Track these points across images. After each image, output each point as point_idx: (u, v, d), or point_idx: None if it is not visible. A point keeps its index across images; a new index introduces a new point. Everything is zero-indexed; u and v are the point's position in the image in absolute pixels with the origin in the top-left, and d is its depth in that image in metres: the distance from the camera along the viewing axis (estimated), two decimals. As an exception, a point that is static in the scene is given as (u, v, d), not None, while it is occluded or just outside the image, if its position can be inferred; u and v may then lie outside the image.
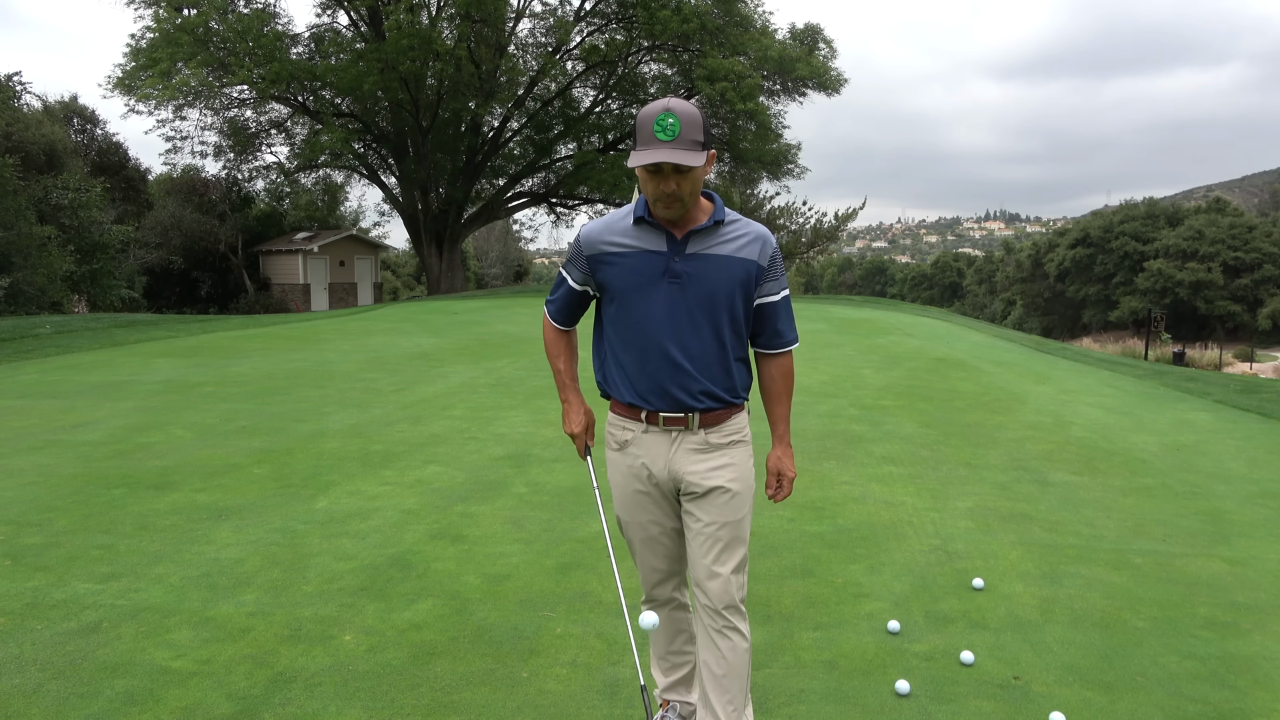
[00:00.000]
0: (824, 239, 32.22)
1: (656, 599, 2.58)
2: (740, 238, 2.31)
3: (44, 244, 19.99)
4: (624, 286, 2.33)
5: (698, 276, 2.28)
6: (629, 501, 2.48)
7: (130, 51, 27.71)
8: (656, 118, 2.13)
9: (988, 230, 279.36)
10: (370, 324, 15.95)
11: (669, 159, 2.12)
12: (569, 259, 2.45)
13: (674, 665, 2.65)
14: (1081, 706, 2.85)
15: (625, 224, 2.34)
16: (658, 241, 2.30)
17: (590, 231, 2.39)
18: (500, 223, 49.61)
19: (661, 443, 2.38)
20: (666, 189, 2.18)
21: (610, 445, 2.50)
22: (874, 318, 18.72)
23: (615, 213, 2.41)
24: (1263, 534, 4.67)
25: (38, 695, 2.83)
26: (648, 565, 2.53)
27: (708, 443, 2.37)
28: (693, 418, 2.35)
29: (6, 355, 11.11)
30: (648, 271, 2.30)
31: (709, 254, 2.28)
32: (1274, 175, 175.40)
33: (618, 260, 2.33)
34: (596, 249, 2.36)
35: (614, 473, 2.50)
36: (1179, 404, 9.01)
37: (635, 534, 2.51)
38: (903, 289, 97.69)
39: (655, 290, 2.29)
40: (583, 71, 31.14)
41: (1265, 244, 54.54)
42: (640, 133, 2.16)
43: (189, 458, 5.96)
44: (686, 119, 2.13)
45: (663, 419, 2.35)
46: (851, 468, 5.90)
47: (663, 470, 2.39)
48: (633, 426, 2.42)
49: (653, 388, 2.34)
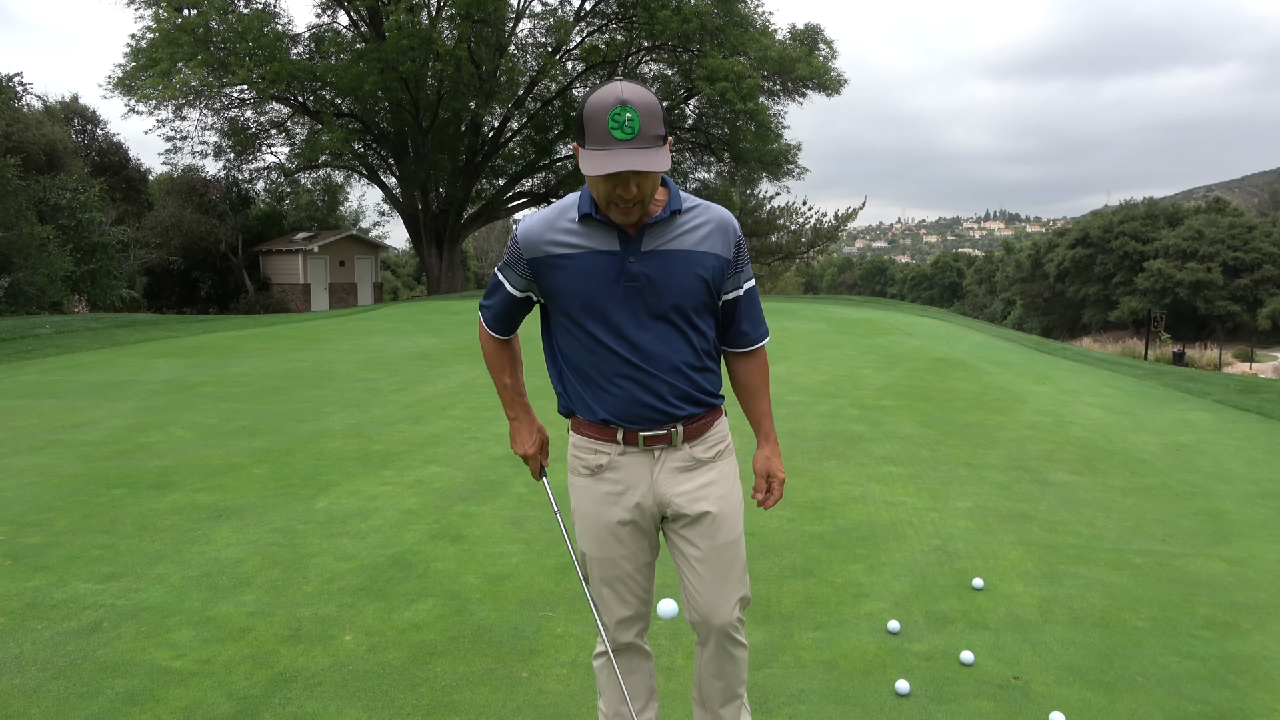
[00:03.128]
0: (824, 239, 32.26)
1: (617, 644, 2.27)
2: (701, 227, 2.04)
3: (44, 244, 19.99)
4: (574, 292, 2.03)
5: (658, 277, 2.01)
6: (602, 535, 2.18)
7: (130, 51, 27.71)
8: (611, 112, 1.83)
9: (988, 230, 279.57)
10: (370, 324, 15.95)
11: (634, 166, 1.82)
12: (506, 261, 2.12)
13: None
14: (1081, 706, 2.85)
15: (569, 221, 2.02)
16: (609, 240, 2.00)
17: (529, 230, 2.05)
18: (500, 223, 49.56)
19: (643, 464, 2.13)
20: (626, 194, 1.88)
21: (577, 471, 2.20)
22: (874, 318, 18.72)
23: (556, 206, 2.08)
24: (1263, 534, 4.67)
25: (38, 695, 2.83)
26: (614, 608, 2.23)
27: (693, 458, 2.15)
28: (676, 432, 2.11)
29: (6, 355, 11.11)
30: (600, 274, 2.00)
31: (669, 249, 2.01)
32: (1274, 175, 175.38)
33: (564, 263, 2.02)
34: (538, 251, 2.04)
35: (583, 502, 2.20)
36: (1179, 404, 9.01)
37: (605, 572, 2.21)
38: (903, 289, 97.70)
39: (610, 294, 2.01)
40: (583, 71, 31.14)
41: (1265, 244, 54.54)
42: (591, 129, 1.85)
43: (189, 458, 5.96)
44: (645, 111, 1.85)
45: (643, 438, 2.10)
46: (851, 468, 5.90)
47: (647, 495, 2.14)
48: (607, 449, 2.14)
49: (625, 402, 2.08)
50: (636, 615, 2.26)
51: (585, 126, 1.87)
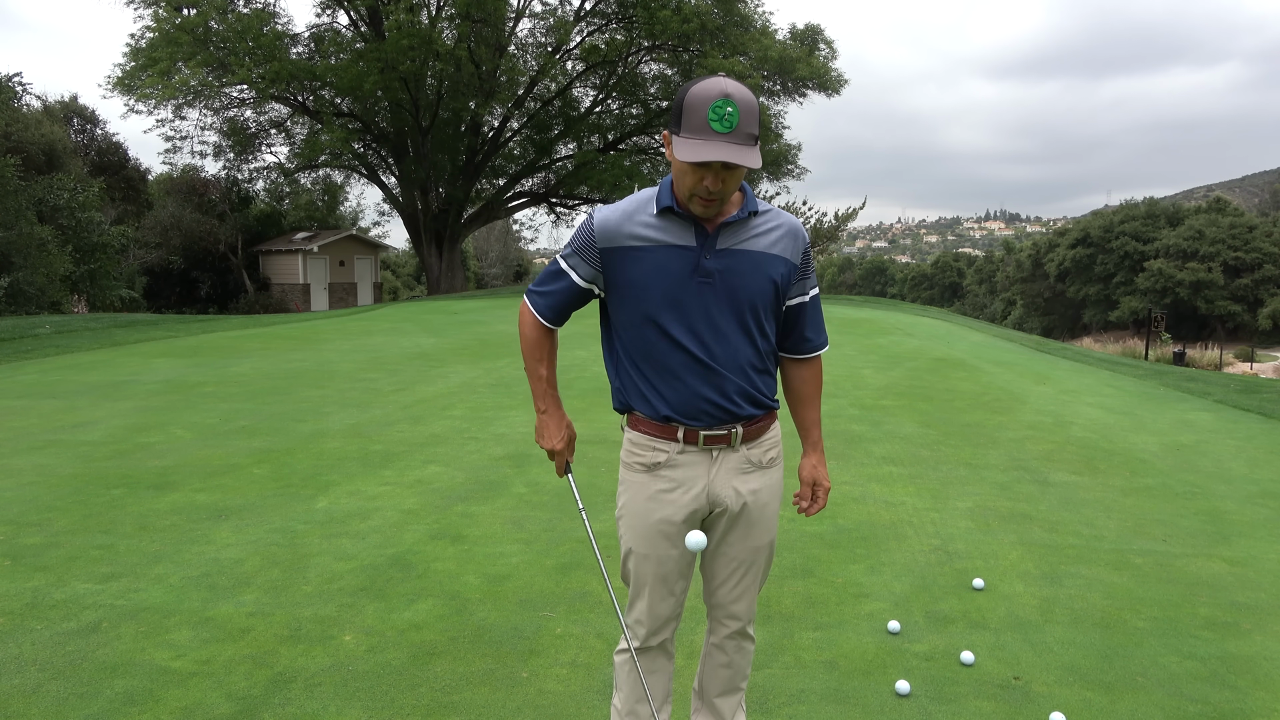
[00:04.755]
0: (824, 239, 32.21)
1: (650, 646, 2.28)
2: (773, 230, 2.08)
3: (43, 244, 19.99)
4: (648, 286, 2.04)
5: (730, 274, 2.04)
6: (651, 533, 2.17)
7: (130, 51, 27.72)
8: (713, 104, 1.84)
9: (988, 230, 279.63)
10: (370, 324, 15.95)
11: (728, 158, 1.84)
12: (575, 249, 2.10)
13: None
14: (1081, 706, 2.84)
15: (648, 214, 2.04)
16: (686, 235, 2.03)
17: (607, 220, 2.05)
18: (500, 223, 49.63)
19: (701, 463, 2.14)
20: (714, 187, 1.91)
21: (632, 467, 2.19)
22: (874, 318, 18.72)
23: (633, 199, 2.10)
24: (1263, 534, 4.66)
25: (38, 695, 2.83)
26: (656, 608, 2.23)
27: (749, 461, 2.17)
28: (735, 433, 2.13)
29: (6, 355, 11.11)
30: (675, 269, 2.02)
31: (742, 249, 2.04)
32: (1274, 175, 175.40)
33: (640, 256, 2.03)
34: (615, 241, 2.04)
35: (635, 498, 2.19)
36: (1179, 404, 9.01)
37: (651, 570, 2.19)
38: (903, 289, 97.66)
39: (683, 290, 2.03)
40: (583, 71, 31.13)
41: (1265, 244, 54.52)
42: (689, 118, 1.87)
43: (189, 458, 5.95)
44: (745, 108, 1.86)
45: (703, 437, 2.11)
46: (851, 468, 5.90)
47: (701, 494, 2.15)
48: (666, 447, 2.13)
49: (689, 398, 2.08)
50: (673, 615, 2.27)
51: (684, 115, 1.88)
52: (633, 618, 2.27)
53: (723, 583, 2.27)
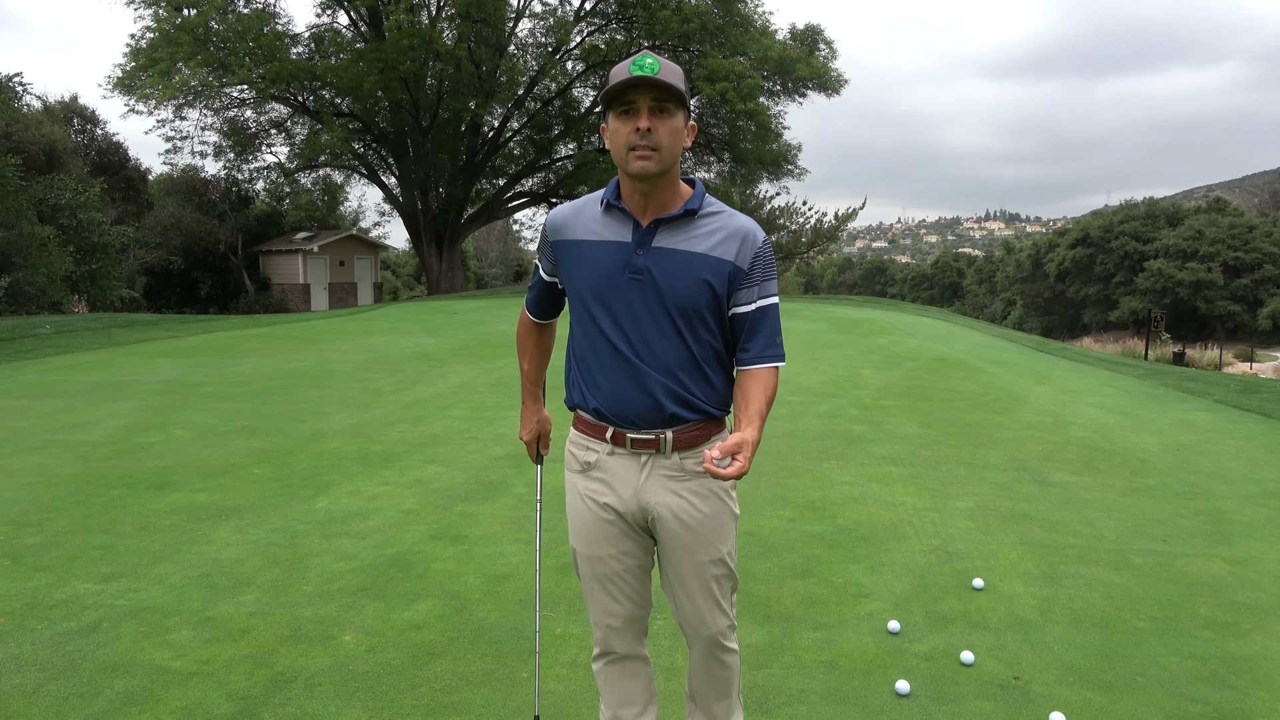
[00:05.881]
0: (824, 239, 32.23)
1: (615, 652, 2.23)
2: (716, 232, 1.99)
3: (44, 244, 20.00)
4: (583, 280, 2.04)
5: (660, 274, 1.98)
6: (588, 532, 2.15)
7: (130, 51, 27.72)
8: (633, 60, 1.88)
9: (988, 230, 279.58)
10: (370, 324, 15.95)
11: (648, 76, 1.85)
12: (539, 245, 2.19)
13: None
14: (1081, 706, 2.84)
15: (594, 210, 2.06)
16: (623, 231, 2.01)
17: (555, 217, 2.10)
18: (500, 223, 49.61)
19: (630, 468, 2.07)
20: (640, 125, 1.87)
21: (570, 466, 2.19)
22: (874, 318, 18.72)
23: (587, 196, 2.12)
24: (1263, 534, 4.66)
25: (38, 695, 2.83)
26: (604, 609, 2.19)
27: (683, 469, 2.06)
28: (664, 439, 2.04)
29: (6, 355, 11.11)
30: (609, 265, 2.00)
31: (676, 249, 1.98)
32: (1274, 175, 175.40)
33: (580, 251, 2.05)
34: (562, 234, 2.08)
35: (572, 497, 2.18)
36: (1179, 404, 9.01)
37: (593, 570, 2.17)
38: (903, 289, 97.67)
39: (615, 285, 2.00)
40: (583, 71, 31.13)
41: (1265, 244, 54.51)
42: (614, 78, 1.90)
43: (189, 458, 5.95)
44: (667, 63, 1.90)
45: (630, 440, 2.05)
46: (851, 468, 5.90)
47: (631, 499, 2.08)
48: (597, 447, 2.11)
49: (615, 396, 2.04)
50: (630, 617, 2.20)
51: (610, 82, 1.91)
52: (591, 620, 2.26)
53: (675, 598, 2.19)
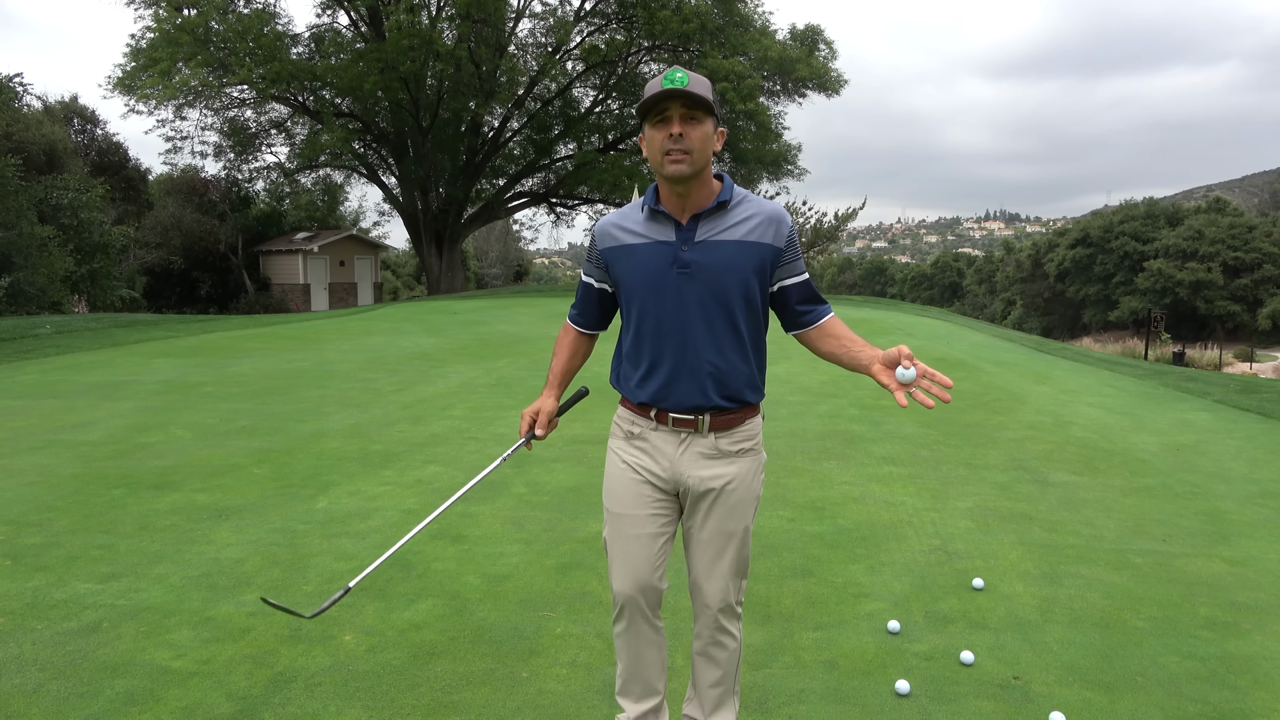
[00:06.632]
0: (824, 239, 32.20)
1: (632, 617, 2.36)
2: (751, 219, 2.19)
3: (44, 244, 20.00)
4: (634, 280, 2.24)
5: (707, 265, 2.16)
6: (623, 491, 2.32)
7: (130, 51, 27.75)
8: (665, 74, 2.09)
9: (988, 230, 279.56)
10: (370, 324, 15.95)
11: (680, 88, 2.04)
12: (588, 257, 2.39)
13: (643, 694, 2.44)
14: (1081, 706, 2.84)
15: (637, 215, 2.26)
16: (666, 231, 2.20)
17: (603, 225, 2.31)
18: (500, 223, 49.64)
19: (670, 442, 2.28)
20: (673, 131, 2.08)
21: (616, 434, 2.40)
22: (874, 318, 18.72)
23: (630, 205, 2.33)
24: (1263, 534, 4.66)
25: (38, 695, 2.83)
26: (628, 569, 2.31)
27: (717, 449, 2.27)
28: (703, 420, 2.24)
29: (6, 355, 11.11)
30: (656, 263, 2.20)
31: (718, 240, 2.17)
32: (1274, 175, 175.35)
33: (628, 253, 2.24)
34: (608, 242, 2.28)
35: (612, 461, 2.38)
36: (1179, 404, 9.01)
37: (621, 529, 2.32)
38: (903, 289, 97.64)
39: (664, 282, 2.19)
40: (583, 71, 31.16)
41: (1265, 244, 54.51)
42: (647, 91, 2.13)
43: (189, 458, 5.96)
44: (695, 76, 2.09)
45: (672, 419, 2.26)
46: (851, 468, 5.90)
47: (668, 469, 2.28)
48: (641, 423, 2.32)
49: (662, 386, 2.24)
50: (646, 579, 2.32)
51: (643, 96, 2.13)
52: (611, 584, 2.38)
53: (694, 562, 2.35)
